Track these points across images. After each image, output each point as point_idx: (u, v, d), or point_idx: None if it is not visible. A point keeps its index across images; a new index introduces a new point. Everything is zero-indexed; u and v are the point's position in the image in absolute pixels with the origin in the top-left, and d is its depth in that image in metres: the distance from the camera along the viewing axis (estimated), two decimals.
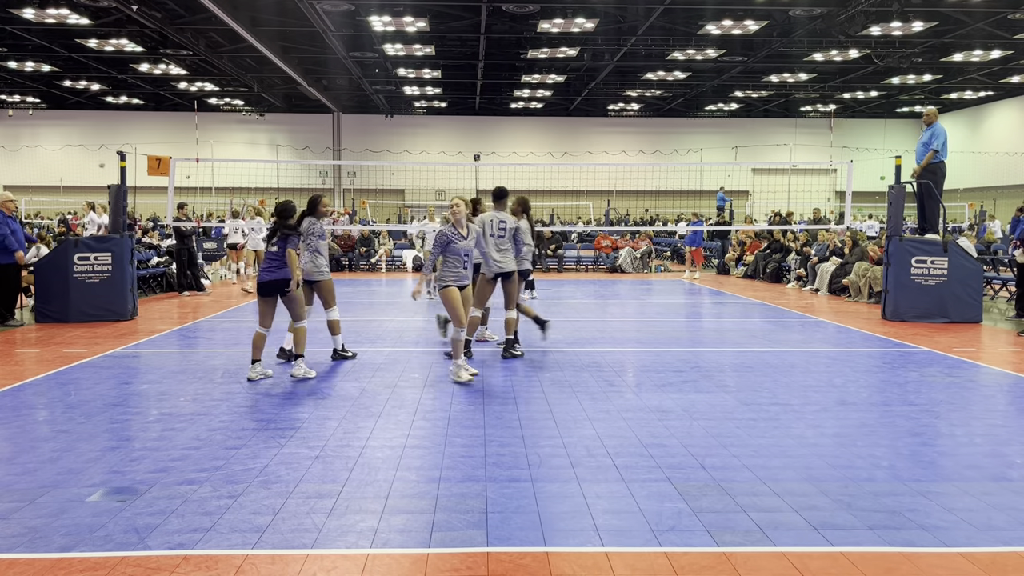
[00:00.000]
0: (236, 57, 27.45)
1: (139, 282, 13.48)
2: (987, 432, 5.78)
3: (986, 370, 8.19)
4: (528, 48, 25.69)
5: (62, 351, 8.81)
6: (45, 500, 4.29)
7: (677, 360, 8.52)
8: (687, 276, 19.92)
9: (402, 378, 7.48)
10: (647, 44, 24.86)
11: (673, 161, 37.48)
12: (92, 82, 32.69)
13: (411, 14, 21.44)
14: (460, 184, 33.13)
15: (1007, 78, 30.48)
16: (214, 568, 3.51)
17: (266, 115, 38.94)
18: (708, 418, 6.08)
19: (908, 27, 22.09)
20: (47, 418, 6.03)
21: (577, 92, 33.72)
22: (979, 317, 11.58)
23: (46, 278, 11.16)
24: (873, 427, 5.87)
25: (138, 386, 7.11)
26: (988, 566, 3.58)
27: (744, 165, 39.89)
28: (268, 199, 29.39)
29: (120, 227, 11.57)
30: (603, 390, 7.04)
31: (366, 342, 9.68)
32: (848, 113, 39.79)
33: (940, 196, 12.21)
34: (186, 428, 5.73)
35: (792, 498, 4.37)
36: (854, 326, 11.26)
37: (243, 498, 4.33)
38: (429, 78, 31.05)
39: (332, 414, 6.15)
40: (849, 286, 14.89)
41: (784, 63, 27.50)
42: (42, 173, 38.69)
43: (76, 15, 21.17)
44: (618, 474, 4.75)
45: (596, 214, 34.63)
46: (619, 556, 3.64)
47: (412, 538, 3.83)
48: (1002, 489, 4.57)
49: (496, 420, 5.98)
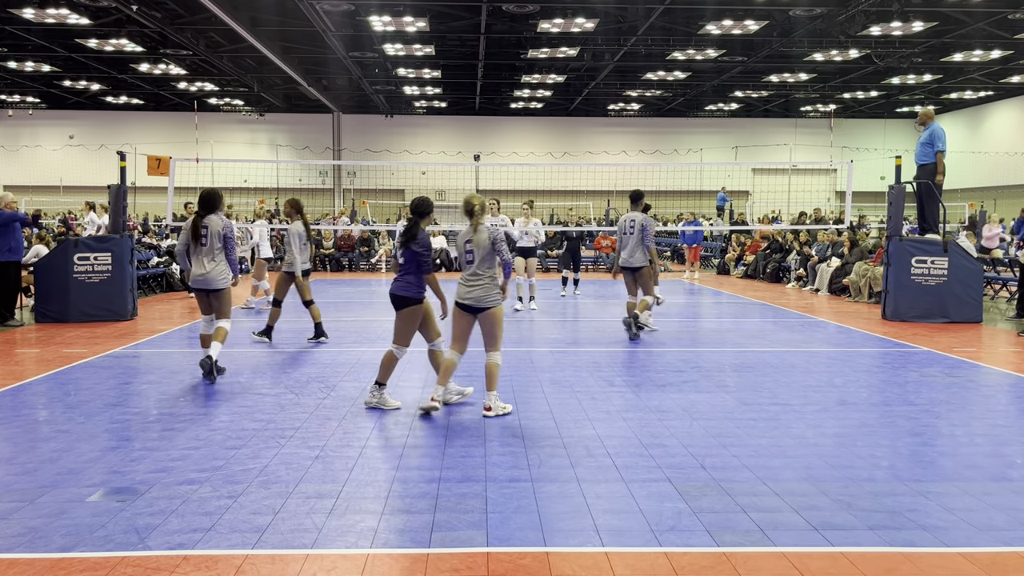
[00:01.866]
0: (236, 57, 27.44)
1: (139, 282, 13.47)
2: (987, 432, 5.78)
3: (986, 370, 8.18)
4: (528, 48, 25.67)
5: (62, 351, 8.81)
6: (45, 500, 4.29)
7: (677, 360, 8.52)
8: (687, 276, 19.92)
9: (402, 378, 7.48)
10: (647, 44, 24.84)
11: (673, 161, 37.45)
12: (92, 82, 32.67)
13: (411, 14, 21.43)
14: (460, 184, 33.09)
15: (1007, 78, 30.46)
16: (214, 568, 3.51)
17: (266, 115, 38.91)
18: (708, 418, 6.08)
19: (908, 27, 22.08)
20: (47, 418, 6.03)
21: (577, 92, 33.70)
22: (979, 317, 11.58)
23: (46, 278, 11.15)
24: (873, 427, 5.87)
25: (138, 386, 7.11)
26: (988, 566, 3.58)
27: (744, 165, 39.86)
28: (268, 199, 29.38)
29: (120, 227, 11.58)
30: (603, 390, 7.04)
31: (366, 342, 9.68)
32: (848, 113, 39.77)
33: (940, 196, 12.20)
34: (186, 428, 5.72)
35: (792, 498, 4.37)
36: (854, 326, 11.26)
37: (243, 498, 4.33)
38: (429, 78, 31.03)
39: (332, 414, 6.15)
40: (849, 286, 14.89)
41: (784, 63, 27.48)
42: (42, 173, 38.67)
43: (76, 15, 21.15)
44: (618, 474, 4.75)
45: (596, 214, 34.62)
46: (619, 556, 3.64)
47: (412, 538, 3.83)
48: (1002, 489, 4.57)
49: (496, 420, 5.98)
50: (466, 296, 6.20)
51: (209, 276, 7.19)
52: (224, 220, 7.29)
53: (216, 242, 7.18)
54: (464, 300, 6.20)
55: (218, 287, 7.22)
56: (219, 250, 7.20)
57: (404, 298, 6.22)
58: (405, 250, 6.22)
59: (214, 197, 7.32)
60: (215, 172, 34.02)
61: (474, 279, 6.21)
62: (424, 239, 6.22)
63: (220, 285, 7.22)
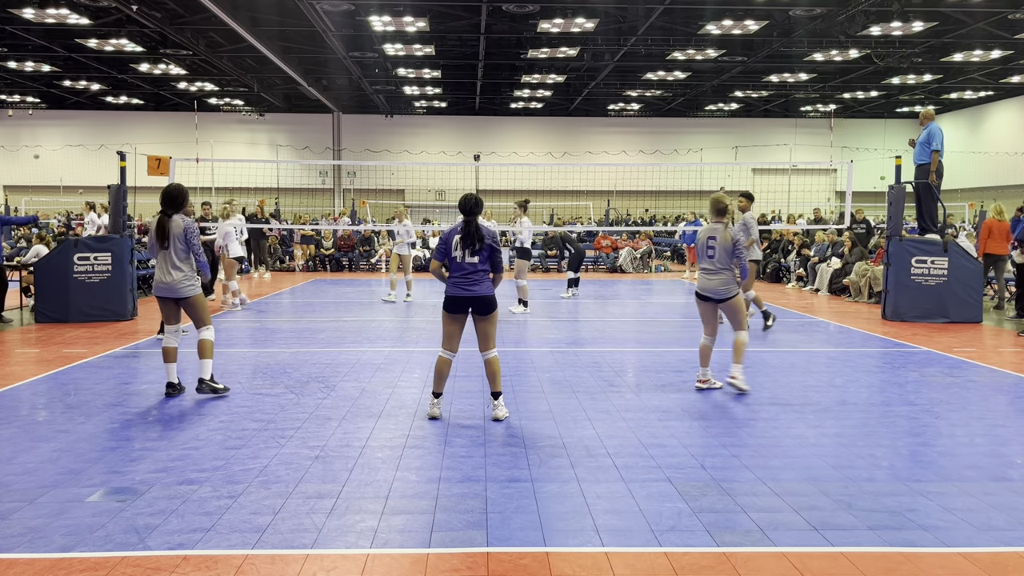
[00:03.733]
0: (236, 57, 27.44)
1: (139, 282, 13.46)
2: (987, 432, 5.78)
3: (986, 370, 8.18)
4: (528, 48, 25.67)
5: (62, 351, 8.81)
6: (45, 500, 4.29)
7: (677, 360, 8.52)
8: (687, 276, 19.91)
9: (402, 378, 7.48)
10: (647, 44, 24.85)
11: (673, 161, 37.44)
12: (92, 82, 32.67)
13: (411, 14, 21.43)
14: (460, 184, 33.08)
15: (1007, 78, 30.46)
16: (214, 568, 3.51)
17: (266, 115, 38.91)
18: (708, 418, 6.08)
19: (908, 27, 22.08)
20: (47, 418, 6.03)
21: (577, 92, 33.69)
22: (979, 317, 11.58)
23: (46, 278, 11.15)
24: (873, 427, 5.87)
25: (138, 386, 7.10)
26: (988, 566, 3.58)
27: (744, 165, 39.86)
28: (268, 199, 29.37)
29: (120, 227, 11.58)
30: (603, 390, 7.04)
31: (366, 342, 9.68)
32: (848, 113, 39.78)
33: (939, 196, 12.20)
34: (186, 428, 5.72)
35: (792, 498, 4.37)
36: (854, 326, 11.25)
37: (243, 498, 4.33)
38: (429, 78, 31.03)
39: (332, 414, 6.15)
40: (849, 286, 14.89)
41: (784, 63, 27.48)
42: (42, 173, 38.67)
43: (76, 15, 21.15)
44: (618, 474, 4.75)
45: (596, 214, 34.62)
46: (619, 556, 3.64)
47: (412, 538, 3.83)
48: (1002, 489, 4.57)
49: (496, 420, 5.97)
50: (705, 288, 6.98)
51: (174, 283, 6.53)
52: (185, 220, 6.62)
53: (179, 244, 6.51)
54: (704, 292, 7.00)
55: (184, 295, 6.56)
56: (183, 252, 6.55)
57: (493, 299, 5.96)
58: (482, 250, 5.88)
59: (173, 193, 6.62)
60: (215, 172, 34.03)
61: (711, 271, 6.97)
62: (494, 235, 6.03)
63: (186, 293, 6.55)
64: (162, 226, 6.51)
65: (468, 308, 5.94)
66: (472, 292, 5.88)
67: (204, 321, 6.70)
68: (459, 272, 5.91)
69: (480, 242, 5.86)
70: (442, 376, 6.05)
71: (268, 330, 10.71)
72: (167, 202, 6.61)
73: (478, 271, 5.89)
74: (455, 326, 5.98)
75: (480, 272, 5.90)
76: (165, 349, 6.70)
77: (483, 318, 5.95)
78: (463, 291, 5.88)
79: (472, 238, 5.86)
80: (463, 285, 5.89)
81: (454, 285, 5.92)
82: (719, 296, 6.94)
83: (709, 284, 6.96)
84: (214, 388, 6.62)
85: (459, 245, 5.89)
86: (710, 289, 6.95)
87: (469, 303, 5.91)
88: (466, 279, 5.89)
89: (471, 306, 5.92)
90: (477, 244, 5.86)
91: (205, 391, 6.58)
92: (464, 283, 5.89)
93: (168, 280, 6.53)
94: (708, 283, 6.97)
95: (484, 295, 5.90)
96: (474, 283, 5.89)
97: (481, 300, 5.89)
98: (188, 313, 6.68)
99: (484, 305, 5.92)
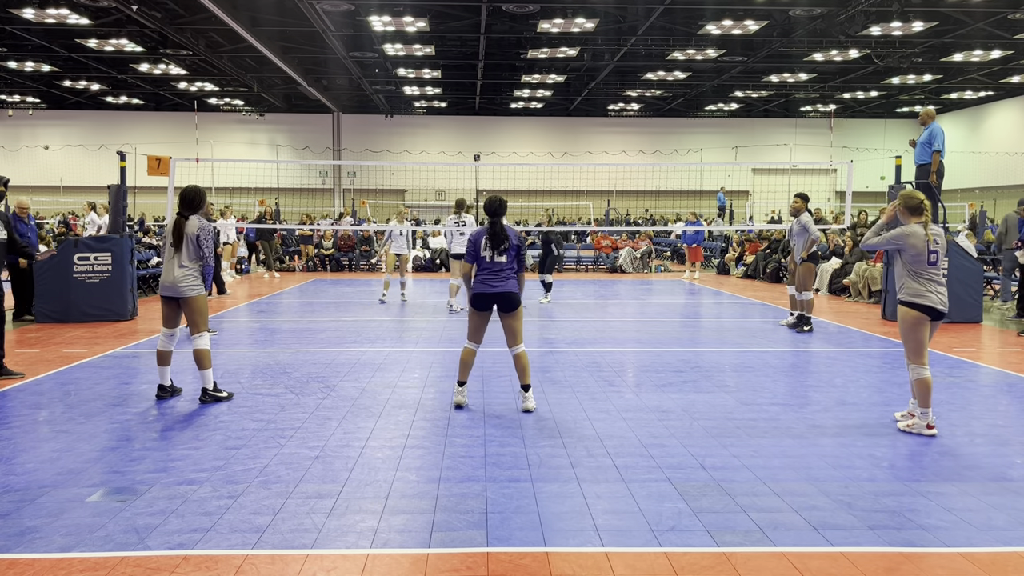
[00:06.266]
0: (236, 57, 27.45)
1: (139, 282, 13.47)
2: (987, 432, 5.78)
3: (986, 370, 8.19)
4: (528, 48, 25.68)
5: (62, 351, 8.81)
6: (45, 500, 4.29)
7: (677, 360, 8.52)
8: (687, 276, 19.91)
9: (402, 378, 7.48)
10: (647, 44, 24.86)
11: (673, 161, 37.45)
12: (92, 82, 32.68)
13: (411, 14, 21.44)
14: (460, 184, 33.10)
15: (1007, 78, 30.47)
16: (214, 568, 3.51)
17: (266, 115, 38.93)
18: (708, 418, 6.08)
19: (908, 27, 22.09)
20: (47, 418, 6.03)
21: (577, 92, 33.70)
22: (979, 317, 11.58)
23: (46, 278, 11.15)
24: (873, 427, 5.87)
25: (138, 386, 7.10)
26: (988, 566, 3.58)
27: (744, 165, 39.88)
28: (268, 199, 29.38)
29: (120, 227, 11.57)
30: (603, 390, 7.04)
31: (366, 342, 9.68)
32: (848, 113, 39.79)
33: (939, 195, 12.19)
34: (186, 428, 5.72)
35: (792, 498, 4.37)
36: (854, 326, 11.26)
37: (243, 498, 4.33)
38: (429, 78, 31.04)
39: (332, 414, 6.15)
40: (849, 286, 14.89)
41: (784, 63, 27.49)
42: (42, 173, 38.67)
43: (76, 15, 21.16)
44: (618, 474, 4.75)
45: (596, 214, 34.61)
46: (619, 556, 3.64)
47: (412, 538, 3.83)
48: (1002, 489, 4.57)
49: (496, 420, 5.98)
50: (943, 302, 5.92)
51: (176, 281, 6.44)
52: (200, 221, 6.58)
53: (190, 245, 6.52)
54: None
55: (186, 295, 6.47)
56: (193, 253, 6.53)
57: (517, 296, 6.24)
58: (509, 249, 6.20)
59: (190, 195, 6.62)
60: (215, 172, 34.02)
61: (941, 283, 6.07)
62: (519, 235, 6.34)
63: (187, 293, 6.46)
64: (178, 227, 6.51)
65: (494, 304, 6.23)
66: (498, 288, 6.18)
67: (199, 327, 6.56)
68: (487, 271, 6.23)
69: (507, 241, 6.19)
70: (467, 366, 6.35)
71: (268, 330, 10.71)
72: (183, 204, 6.62)
73: (505, 269, 6.21)
74: (481, 321, 6.29)
75: (507, 270, 6.22)
76: (159, 352, 6.65)
77: (508, 314, 6.22)
78: (490, 288, 6.19)
79: (499, 238, 6.19)
80: (490, 282, 6.20)
81: (481, 283, 6.23)
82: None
83: (944, 297, 5.84)
84: (217, 398, 6.54)
85: (488, 245, 6.21)
86: (943, 303, 5.84)
87: (495, 299, 6.20)
88: (494, 276, 6.21)
89: (496, 302, 6.21)
90: (504, 243, 6.19)
91: (208, 402, 6.50)
92: (491, 280, 6.21)
93: (171, 279, 6.50)
94: (944, 295, 5.84)
95: (509, 292, 6.20)
96: (501, 280, 6.20)
97: (506, 297, 6.19)
98: (186, 315, 6.59)
99: (509, 301, 6.20)
